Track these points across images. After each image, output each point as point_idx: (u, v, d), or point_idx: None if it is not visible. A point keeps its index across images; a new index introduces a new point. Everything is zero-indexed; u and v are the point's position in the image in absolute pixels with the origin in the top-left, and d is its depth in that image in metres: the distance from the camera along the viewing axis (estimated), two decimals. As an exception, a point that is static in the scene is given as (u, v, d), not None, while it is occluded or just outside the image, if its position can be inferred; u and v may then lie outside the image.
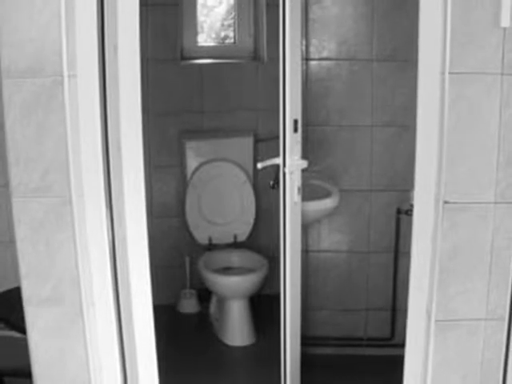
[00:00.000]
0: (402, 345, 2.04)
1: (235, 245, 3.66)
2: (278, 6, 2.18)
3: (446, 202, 1.84)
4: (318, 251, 3.19)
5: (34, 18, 1.76)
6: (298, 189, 2.39)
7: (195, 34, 3.80)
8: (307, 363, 2.69)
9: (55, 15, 1.75)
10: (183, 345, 3.39)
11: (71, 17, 1.77)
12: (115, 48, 1.84)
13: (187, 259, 3.75)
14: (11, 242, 2.10)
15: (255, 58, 3.81)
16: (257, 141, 3.68)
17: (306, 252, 3.13)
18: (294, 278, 2.44)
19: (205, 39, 3.93)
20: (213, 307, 3.64)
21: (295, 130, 2.32)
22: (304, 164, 2.40)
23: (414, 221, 1.94)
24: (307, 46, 3.01)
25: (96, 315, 1.96)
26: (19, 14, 1.76)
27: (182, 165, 3.66)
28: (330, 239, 3.19)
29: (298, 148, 2.38)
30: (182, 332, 3.58)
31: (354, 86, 3.04)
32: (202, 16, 3.89)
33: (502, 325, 1.92)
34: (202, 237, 3.63)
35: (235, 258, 3.58)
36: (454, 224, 1.85)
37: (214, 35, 3.96)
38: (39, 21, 1.76)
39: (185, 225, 3.65)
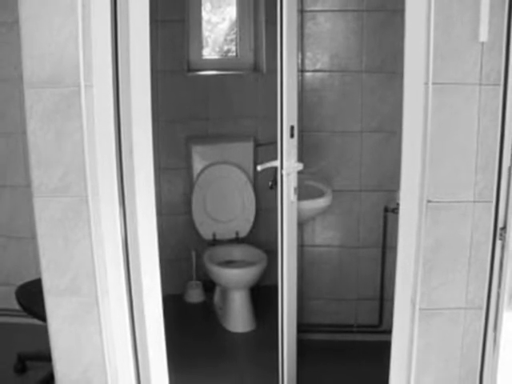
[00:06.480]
0: (389, 331, 2.04)
1: (237, 240, 3.65)
2: (276, 22, 2.18)
3: (429, 201, 1.84)
4: (313, 246, 3.19)
5: (53, 35, 1.77)
6: (295, 189, 2.39)
7: (200, 47, 3.80)
8: (303, 348, 2.68)
9: (73, 32, 1.76)
10: (189, 331, 3.38)
11: (87, 33, 1.77)
12: (127, 62, 1.84)
13: (193, 253, 3.75)
14: (33, 238, 2.11)
15: (255, 69, 3.81)
16: (257, 145, 3.67)
17: (301, 247, 3.13)
18: (290, 270, 2.44)
19: (209, 53, 3.93)
20: (216, 297, 3.64)
21: (292, 135, 2.32)
22: (300, 166, 2.40)
23: (400, 218, 1.94)
24: (302, 59, 3.01)
25: (110, 305, 1.96)
26: (40, 32, 1.77)
27: (189, 167, 3.66)
28: (323, 235, 3.19)
29: (295, 152, 2.38)
30: (189, 319, 3.57)
31: (345, 96, 3.04)
32: (206, 31, 3.89)
33: (480, 313, 1.92)
34: (206, 233, 3.63)
35: (237, 252, 3.57)
36: (436, 221, 1.85)
37: (217, 49, 3.96)
38: (58, 37, 1.77)
39: (191, 222, 3.64)
